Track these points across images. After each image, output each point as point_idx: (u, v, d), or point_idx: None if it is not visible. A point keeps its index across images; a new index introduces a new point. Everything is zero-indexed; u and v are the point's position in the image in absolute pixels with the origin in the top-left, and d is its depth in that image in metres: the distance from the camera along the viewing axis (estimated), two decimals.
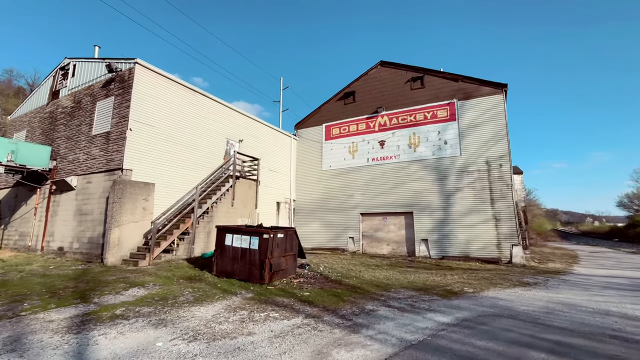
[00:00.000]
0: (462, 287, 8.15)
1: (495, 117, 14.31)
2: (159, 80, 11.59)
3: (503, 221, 13.51)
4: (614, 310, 6.04)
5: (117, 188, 9.89)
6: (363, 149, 17.44)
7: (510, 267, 12.19)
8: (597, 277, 10.21)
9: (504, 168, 13.85)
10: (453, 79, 15.57)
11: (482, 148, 14.39)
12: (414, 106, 16.31)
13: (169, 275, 8.30)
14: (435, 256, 14.54)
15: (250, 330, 4.69)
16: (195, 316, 5.30)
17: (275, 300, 6.45)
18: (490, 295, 7.33)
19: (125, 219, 9.96)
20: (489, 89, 14.63)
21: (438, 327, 4.96)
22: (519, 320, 5.35)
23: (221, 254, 8.44)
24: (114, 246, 9.66)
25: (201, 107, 13.26)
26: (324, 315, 5.50)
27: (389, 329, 4.84)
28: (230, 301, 6.29)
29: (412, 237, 15.41)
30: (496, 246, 13.46)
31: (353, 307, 6.11)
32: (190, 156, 12.57)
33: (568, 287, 8.38)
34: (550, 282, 9.18)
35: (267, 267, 7.77)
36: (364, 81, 18.16)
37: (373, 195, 16.70)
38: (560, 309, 6.06)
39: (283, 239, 8.48)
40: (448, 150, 15.18)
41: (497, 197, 13.79)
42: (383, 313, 5.73)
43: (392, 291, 7.66)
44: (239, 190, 13.13)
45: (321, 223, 17.95)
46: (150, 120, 11.12)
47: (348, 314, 5.60)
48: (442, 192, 14.98)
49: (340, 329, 4.82)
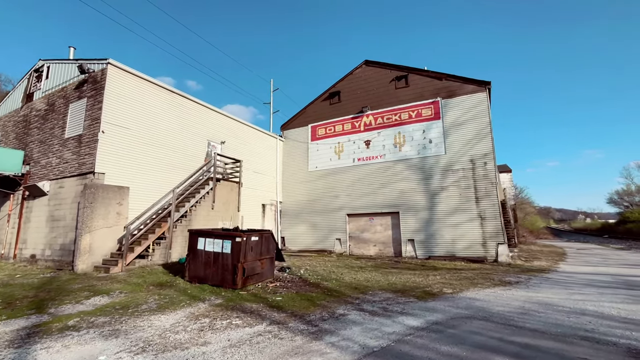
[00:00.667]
0: (442, 288, 7.96)
1: (478, 115, 14.22)
2: (134, 81, 11.29)
3: (488, 220, 13.39)
4: (590, 309, 5.88)
5: (88, 192, 9.56)
6: (349, 149, 17.26)
7: (495, 266, 12.05)
8: (580, 275, 10.10)
9: (488, 166, 13.75)
10: (437, 77, 15.47)
11: (467, 146, 14.29)
12: (399, 105, 16.18)
13: (139, 282, 7.99)
14: (422, 256, 14.37)
15: (206, 340, 4.44)
16: (152, 325, 5.03)
17: (243, 306, 6.20)
18: (468, 295, 7.15)
19: (97, 224, 9.62)
20: (472, 87, 14.55)
21: (406, 331, 4.75)
22: (492, 322, 5.16)
23: (193, 259, 8.15)
24: (85, 253, 9.32)
25: (180, 108, 12.98)
26: (290, 322, 5.26)
27: (354, 335, 4.62)
28: (195, 308, 6.02)
29: (398, 237, 15.23)
30: (482, 245, 13.33)
31: (323, 311, 5.88)
32: (169, 158, 12.27)
33: (549, 286, 8.24)
34: (533, 280, 9.04)
35: (239, 272, 7.51)
36: (349, 81, 18.00)
37: (359, 195, 16.51)
38: (536, 309, 5.89)
39: (258, 242, 8.22)
40: (433, 149, 15.05)
41: (481, 195, 13.67)
42: (353, 317, 5.50)
43: (369, 294, 7.44)
44: (220, 192, 12.84)
45: (308, 225, 17.71)
46: (124, 122, 10.81)
47: (316, 320, 5.37)
48: (427, 192, 14.84)
49: (303, 336, 4.58)
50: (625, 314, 5.58)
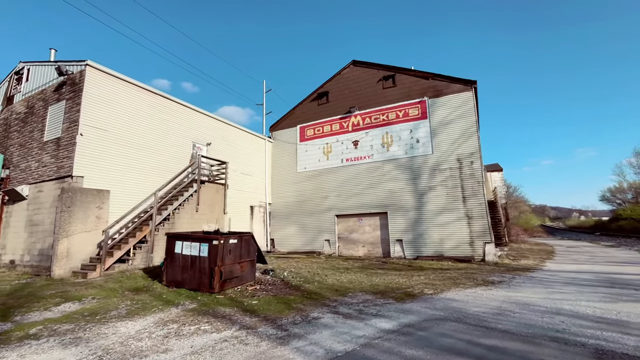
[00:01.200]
0: (423, 289, 7.88)
1: (465, 114, 14.20)
2: (114, 82, 11.13)
3: (475, 219, 13.36)
4: (566, 308, 5.83)
5: (66, 196, 9.38)
6: (337, 150, 17.18)
7: (482, 265, 12.01)
8: (564, 273, 10.08)
9: (475, 165, 13.72)
10: (424, 76, 15.45)
11: (453, 145, 14.26)
12: (387, 105, 16.13)
13: (116, 287, 7.84)
14: (410, 256, 14.31)
15: (169, 347, 4.31)
16: (117, 332, 4.89)
17: (217, 310, 6.07)
18: (448, 296, 7.08)
19: (75, 228, 9.44)
20: (459, 86, 14.54)
21: (375, 334, 4.66)
22: (464, 323, 5.08)
23: (171, 263, 8.01)
24: (62, 258, 9.14)
25: (163, 109, 12.82)
26: (260, 326, 5.14)
27: (322, 339, 4.51)
28: (166, 314, 5.88)
29: (386, 237, 15.16)
30: (469, 244, 13.29)
31: (297, 315, 5.77)
32: (152, 161, 12.11)
33: (531, 285, 8.19)
34: (516, 280, 8.99)
35: (216, 275, 7.38)
36: (337, 81, 17.94)
37: (348, 196, 16.43)
38: (513, 309, 5.82)
39: (237, 245, 8.09)
40: (420, 148, 15.01)
41: (468, 194, 13.64)
42: (326, 321, 5.40)
43: (349, 295, 7.35)
44: (204, 194, 12.69)
45: (297, 226, 17.60)
46: (104, 124, 10.64)
47: (287, 324, 5.26)
48: (415, 192, 14.79)
49: (269, 342, 4.47)
50: (600, 312, 5.53)
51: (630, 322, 5.01)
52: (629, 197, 52.24)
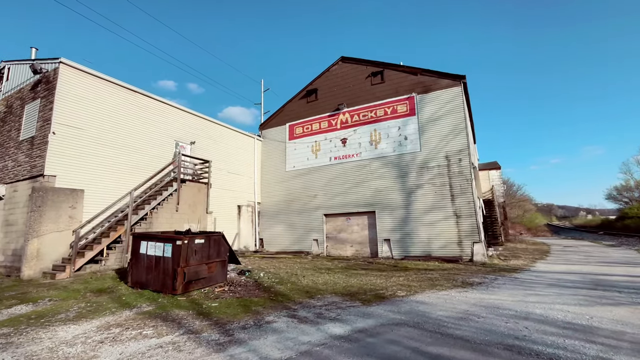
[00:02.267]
0: (397, 291, 7.56)
1: (454, 110, 13.80)
2: (89, 80, 10.97)
3: (464, 218, 12.96)
4: (537, 313, 5.47)
5: (36, 195, 9.23)
6: (325, 148, 16.88)
7: (468, 265, 11.63)
8: (550, 274, 9.66)
9: (463, 162, 13.33)
10: (412, 72, 15.07)
11: (442, 142, 13.87)
12: (375, 102, 15.79)
13: (80, 288, 7.64)
14: (398, 256, 13.96)
15: (97, 354, 4.07)
16: (54, 337, 4.67)
17: (170, 313, 5.83)
18: (418, 299, 6.75)
19: (46, 228, 9.29)
20: (447, 81, 14.14)
21: (321, 341, 4.37)
22: (421, 329, 4.76)
23: (136, 264, 7.80)
24: (32, 258, 8.99)
25: (143, 107, 12.64)
26: (206, 331, 4.88)
27: (263, 346, 4.24)
28: (116, 317, 5.65)
29: (374, 237, 14.83)
30: (457, 244, 12.91)
31: (252, 319, 5.50)
32: (131, 160, 11.94)
33: (511, 287, 7.82)
34: (497, 281, 8.61)
35: (179, 277, 7.14)
36: (326, 78, 17.63)
37: (336, 195, 16.13)
38: (479, 313, 5.48)
39: (204, 245, 7.85)
40: (408, 146, 14.65)
41: (457, 193, 13.25)
42: (278, 325, 5.12)
43: (317, 298, 7.06)
44: (185, 194, 12.48)
45: (285, 226, 17.34)
46: (78, 123, 10.48)
47: (236, 328, 5.00)
48: (403, 190, 14.43)
49: (206, 348, 4.20)
50: (572, 317, 5.17)
51: (600, 327, 4.65)
52: (636, 196, 51.09)
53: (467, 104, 15.98)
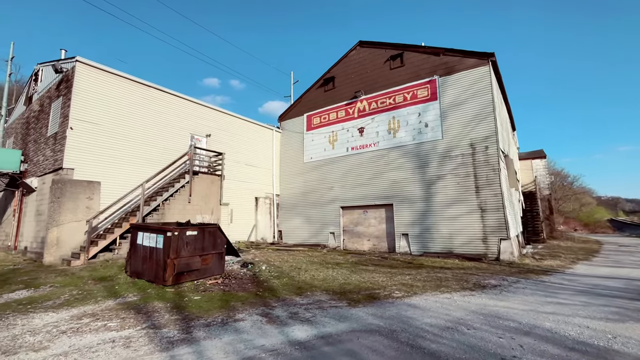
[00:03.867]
0: (393, 291, 6.92)
1: (480, 93, 12.40)
2: (105, 77, 11.43)
3: (490, 212, 11.68)
4: (545, 326, 4.57)
5: (55, 187, 9.86)
6: (342, 138, 16.23)
7: (492, 265, 10.47)
8: (587, 278, 8.29)
9: (490, 150, 11.96)
10: (434, 52, 13.80)
11: (466, 129, 12.58)
12: (394, 87, 14.77)
13: (84, 276, 8.01)
14: (416, 252, 13.05)
15: (50, 345, 4.06)
16: (27, 324, 4.80)
17: (148, 305, 5.80)
18: (413, 301, 6.07)
19: (64, 218, 9.91)
20: (473, 61, 12.72)
21: (275, 346, 3.98)
22: (392, 339, 4.16)
23: (134, 254, 7.98)
24: (52, 245, 9.65)
25: (158, 102, 12.99)
26: (168, 326, 4.73)
27: (212, 348, 3.95)
28: (96, 306, 5.74)
29: (392, 231, 14.02)
30: (482, 241, 11.70)
31: (223, 315, 5.27)
32: (146, 153, 12.35)
33: (530, 292, 6.77)
34: (517, 284, 7.55)
35: (169, 268, 7.15)
36: (343, 65, 16.87)
37: (353, 187, 15.48)
38: (472, 323, 4.71)
39: (197, 237, 7.79)
40: (429, 133, 13.51)
41: (482, 184, 11.97)
42: (243, 325, 4.82)
43: (305, 295, 6.68)
44: (198, 186, 12.69)
45: (303, 218, 17.09)
46: (95, 118, 11.00)
47: (200, 325, 4.78)
48: (423, 181, 13.40)
49: (154, 346, 4.02)
50: (588, 335, 4.22)
51: (621, 352, 3.70)
52: None
53: (500, 85, 14.35)
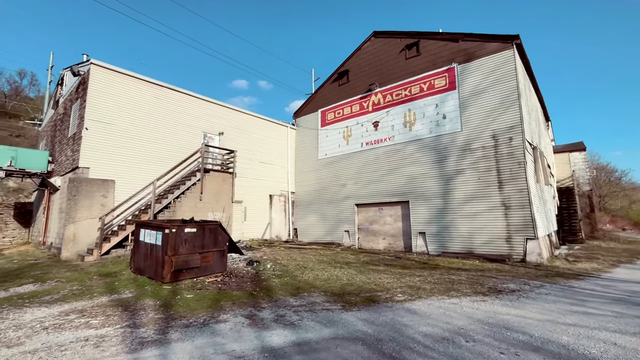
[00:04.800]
0: (396, 294, 6.41)
1: (503, 79, 11.38)
2: (118, 78, 11.75)
3: (514, 209, 10.70)
4: (561, 341, 3.90)
5: (71, 186, 10.25)
6: (357, 133, 15.69)
7: (516, 267, 9.55)
8: (626, 285, 7.25)
9: (515, 142, 10.94)
10: (452, 39, 12.88)
11: (488, 119, 11.61)
12: (409, 78, 14.00)
13: (92, 271, 8.22)
14: (434, 252, 12.29)
15: (26, 341, 4.04)
16: (17, 319, 4.86)
17: (139, 303, 5.73)
18: (413, 306, 5.54)
19: (80, 215, 10.29)
20: (496, 45, 11.70)
21: (244, 352, 3.69)
22: (374, 349, 3.72)
23: (137, 250, 8.05)
24: (69, 242, 10.05)
25: (170, 101, 13.20)
26: (147, 325, 4.59)
27: (180, 351, 3.73)
28: (89, 302, 5.77)
29: (408, 230, 13.31)
30: (505, 240, 10.75)
31: (207, 315, 5.07)
32: (159, 151, 12.59)
33: (553, 299, 5.98)
34: (540, 290, 6.74)
35: (167, 265, 7.10)
36: (357, 57, 16.29)
37: (367, 183, 14.91)
38: (474, 335, 4.14)
39: (196, 234, 7.70)
40: (447, 125, 12.65)
41: (506, 179, 10.98)
42: (223, 327, 4.58)
43: (301, 296, 6.35)
44: (209, 183, 12.75)
45: (318, 216, 16.77)
46: (109, 119, 11.33)
47: (179, 326, 4.60)
48: (440, 177, 12.57)
49: (124, 346, 3.87)
50: (614, 354, 3.53)
51: None
52: None
53: (528, 71, 13.14)
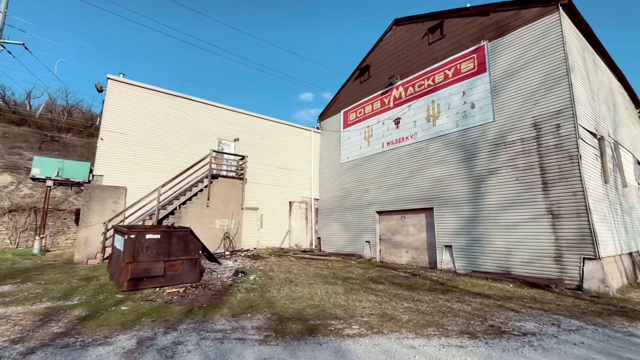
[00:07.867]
0: (351, 325, 5.01)
1: (546, 51, 8.91)
2: (134, 90, 12.42)
3: (565, 218, 8.11)
4: None
5: (85, 192, 10.96)
6: (378, 132, 14.14)
7: (564, 296, 7.05)
8: None
9: (564, 130, 8.37)
10: (481, 12, 10.71)
11: (527, 104, 9.19)
12: (432, 65, 12.09)
13: (80, 274, 8.42)
14: (462, 270, 10.08)
15: None
16: None
17: (65, 313, 5.41)
18: (351, 347, 4.14)
19: (92, 220, 10.90)
20: (536, 10, 9.28)
21: None
22: None
23: (112, 256, 8.00)
24: (81, 245, 10.67)
25: (184, 110, 13.54)
26: (21, 342, 4.14)
27: None
28: (28, 307, 5.64)
29: (433, 242, 11.26)
30: (554, 259, 8.18)
31: (111, 333, 4.46)
32: (173, 159, 12.91)
33: (578, 354, 3.94)
34: (570, 335, 4.62)
35: (123, 273, 6.80)
36: (379, 50, 14.85)
37: (389, 188, 13.21)
38: None
39: (161, 241, 7.31)
40: (476, 116, 10.43)
41: (553, 178, 8.44)
42: (103, 350, 3.89)
43: (242, 317, 5.40)
44: (217, 189, 12.61)
45: (340, 224, 15.50)
46: (123, 129, 11.98)
47: (64, 344, 4.06)
48: (469, 178, 10.37)
49: None
50: None
51: None
52: None
53: (590, 39, 10.20)
